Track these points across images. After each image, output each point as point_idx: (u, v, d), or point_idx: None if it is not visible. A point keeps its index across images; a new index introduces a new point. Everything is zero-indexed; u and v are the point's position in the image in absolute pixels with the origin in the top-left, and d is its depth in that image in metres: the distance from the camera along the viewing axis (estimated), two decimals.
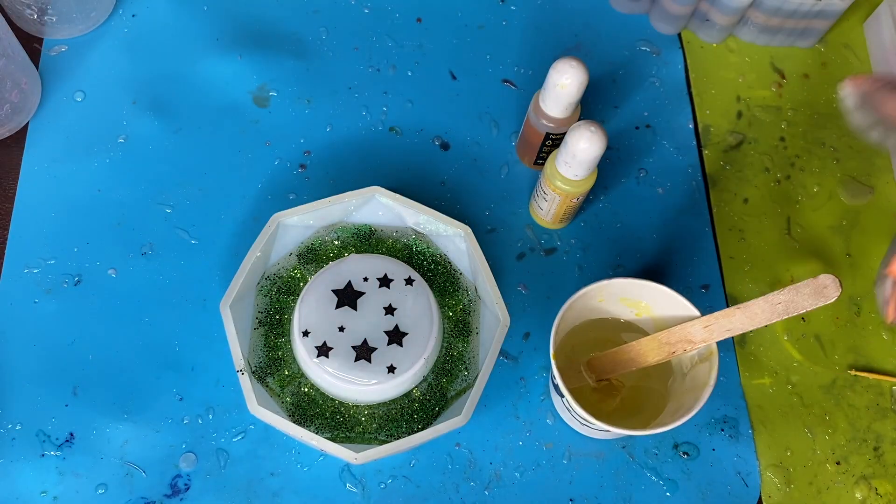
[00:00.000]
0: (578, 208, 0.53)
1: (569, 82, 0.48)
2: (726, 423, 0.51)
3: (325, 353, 0.45)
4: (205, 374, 0.50)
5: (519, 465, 0.49)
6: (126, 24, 0.59)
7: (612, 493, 0.49)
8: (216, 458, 0.48)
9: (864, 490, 0.50)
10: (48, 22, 0.56)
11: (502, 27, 0.62)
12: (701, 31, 0.62)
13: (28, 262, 0.52)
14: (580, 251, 0.55)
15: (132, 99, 0.57)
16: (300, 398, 0.47)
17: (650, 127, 0.59)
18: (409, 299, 0.47)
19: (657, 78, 0.61)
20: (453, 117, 0.58)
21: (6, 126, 0.54)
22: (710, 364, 0.44)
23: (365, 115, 0.58)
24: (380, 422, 0.47)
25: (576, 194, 0.50)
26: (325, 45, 0.60)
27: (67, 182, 0.54)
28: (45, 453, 0.48)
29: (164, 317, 0.51)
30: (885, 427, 0.52)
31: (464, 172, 0.57)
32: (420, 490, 0.49)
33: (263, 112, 0.57)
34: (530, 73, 0.60)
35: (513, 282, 0.54)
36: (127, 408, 0.49)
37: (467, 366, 0.49)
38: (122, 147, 0.56)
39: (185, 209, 0.54)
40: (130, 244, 0.53)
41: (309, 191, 0.55)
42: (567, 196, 0.50)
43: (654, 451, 0.50)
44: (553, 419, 0.51)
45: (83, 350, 0.50)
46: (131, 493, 0.47)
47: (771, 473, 0.50)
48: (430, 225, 0.51)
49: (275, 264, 0.50)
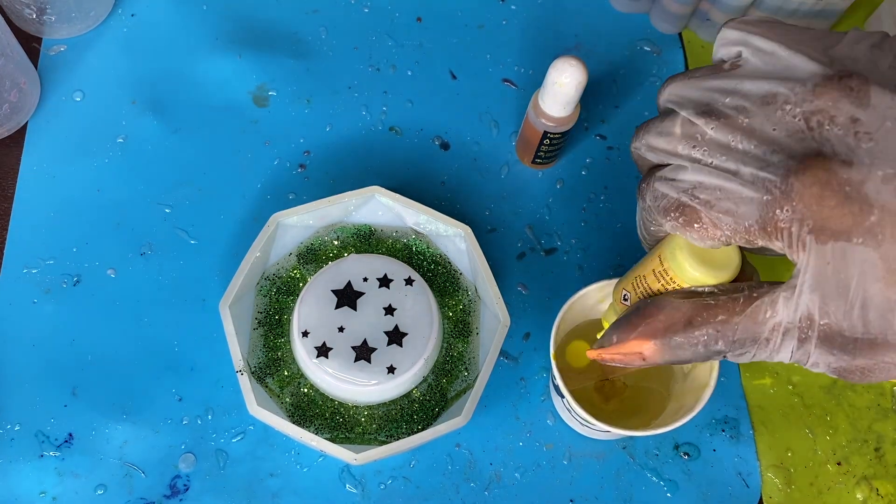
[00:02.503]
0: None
1: (567, 81, 0.48)
2: (727, 424, 0.51)
3: (325, 354, 0.45)
4: (204, 374, 0.50)
5: (519, 466, 0.49)
6: (125, 24, 0.59)
7: (612, 494, 0.49)
8: (215, 459, 0.48)
9: (865, 491, 0.50)
10: (47, 21, 0.56)
11: (502, 27, 0.62)
12: (701, 31, 0.62)
13: (27, 263, 0.52)
14: (580, 251, 0.55)
15: (131, 99, 0.57)
16: (300, 399, 0.47)
17: None
18: (408, 299, 0.47)
19: (658, 77, 0.61)
20: (453, 117, 0.58)
21: (5, 126, 0.54)
22: (710, 365, 0.44)
23: (365, 115, 0.58)
24: (379, 422, 0.47)
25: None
26: (325, 45, 0.60)
27: (66, 182, 0.54)
28: (44, 454, 0.48)
29: (164, 317, 0.51)
30: (886, 427, 0.52)
31: (464, 172, 0.57)
32: (420, 491, 0.48)
33: (263, 112, 0.57)
34: (530, 72, 0.60)
35: (513, 282, 0.54)
36: (126, 408, 0.49)
37: (467, 366, 0.48)
38: (121, 147, 0.56)
39: (185, 209, 0.54)
40: (130, 244, 0.53)
41: (308, 191, 0.55)
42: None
43: (654, 452, 0.50)
44: (553, 420, 0.50)
45: (82, 350, 0.50)
46: (130, 493, 0.47)
47: (772, 474, 0.50)
48: (430, 225, 0.51)
49: (274, 264, 0.50)
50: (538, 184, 0.57)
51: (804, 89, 0.29)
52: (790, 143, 0.29)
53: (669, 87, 0.34)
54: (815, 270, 0.28)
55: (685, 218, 0.32)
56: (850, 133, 0.28)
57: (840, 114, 0.29)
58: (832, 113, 0.29)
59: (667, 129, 0.33)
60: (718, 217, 0.31)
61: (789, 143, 0.29)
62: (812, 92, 0.29)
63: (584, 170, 0.57)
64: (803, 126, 0.29)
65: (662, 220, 0.33)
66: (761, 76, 0.31)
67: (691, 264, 0.34)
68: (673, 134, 0.32)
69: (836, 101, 0.29)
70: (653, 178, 0.34)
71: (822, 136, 0.29)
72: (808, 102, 0.29)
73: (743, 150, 0.30)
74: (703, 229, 0.31)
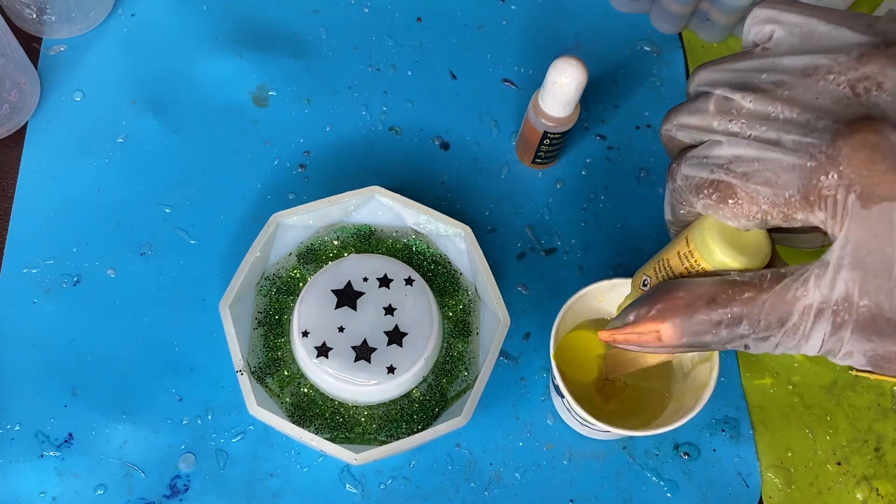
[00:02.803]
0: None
1: (567, 81, 0.48)
2: (727, 424, 0.51)
3: (325, 354, 0.45)
4: (204, 374, 0.50)
5: (519, 466, 0.49)
6: (125, 24, 0.59)
7: (612, 494, 0.49)
8: (215, 459, 0.48)
9: (865, 491, 0.50)
10: (47, 21, 0.56)
11: (502, 27, 0.62)
12: (701, 31, 0.62)
13: (27, 263, 0.52)
14: (580, 251, 0.55)
15: (131, 99, 0.57)
16: (300, 399, 0.47)
17: (651, 126, 0.59)
18: (408, 299, 0.47)
19: (658, 77, 0.61)
20: (453, 117, 0.58)
21: (5, 126, 0.54)
22: (710, 364, 0.44)
23: (365, 115, 0.58)
24: (379, 422, 0.47)
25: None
26: (325, 45, 0.60)
27: (66, 182, 0.54)
28: (44, 454, 0.48)
29: (164, 317, 0.51)
30: (887, 427, 0.52)
31: (464, 172, 0.57)
32: (420, 491, 0.48)
33: (263, 112, 0.57)
34: (530, 72, 0.60)
35: (513, 282, 0.54)
36: (126, 408, 0.49)
37: (467, 366, 0.48)
38: (121, 147, 0.56)
39: (185, 209, 0.54)
40: (129, 244, 0.53)
41: (308, 191, 0.55)
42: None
43: (654, 452, 0.50)
44: (553, 420, 0.50)
45: (82, 350, 0.50)
46: (130, 493, 0.47)
47: (772, 474, 0.50)
48: (430, 225, 0.50)
49: (274, 264, 0.50)
50: (538, 184, 0.57)
51: (848, 59, 0.28)
52: (836, 109, 0.28)
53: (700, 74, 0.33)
54: (858, 242, 0.27)
55: (719, 194, 0.30)
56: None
57: (888, 80, 0.28)
58: (879, 79, 0.28)
59: (700, 107, 0.32)
60: (756, 189, 0.29)
61: (835, 110, 0.28)
62: (857, 60, 0.28)
63: (584, 170, 0.57)
64: (849, 93, 0.28)
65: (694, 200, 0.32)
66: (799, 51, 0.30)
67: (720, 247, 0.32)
68: (707, 111, 0.31)
69: (884, 68, 0.28)
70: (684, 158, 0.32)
71: (870, 101, 0.28)
72: (853, 70, 0.28)
73: (785, 118, 0.29)
74: (737, 205, 0.30)
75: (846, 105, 0.28)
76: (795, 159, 0.28)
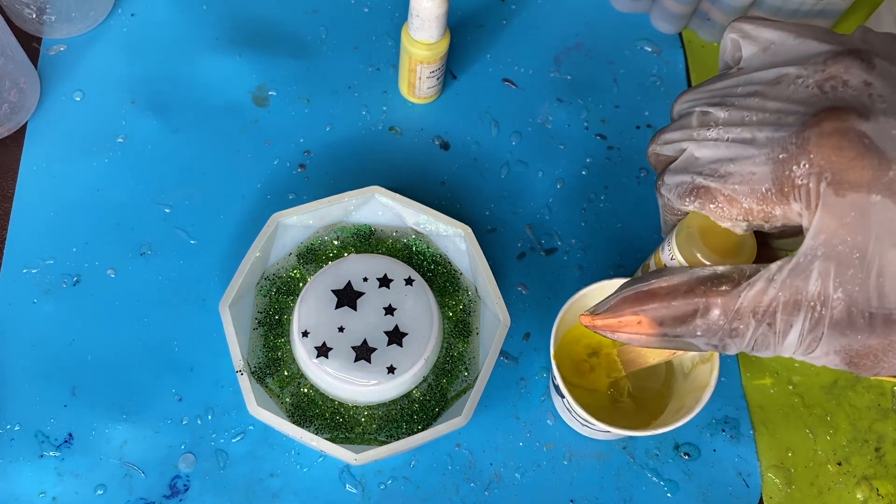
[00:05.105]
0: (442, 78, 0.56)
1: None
2: (727, 424, 0.51)
3: (325, 354, 0.45)
4: (204, 374, 0.50)
5: (519, 466, 0.49)
6: (125, 24, 0.59)
7: (612, 494, 0.49)
8: (215, 459, 0.48)
9: (865, 491, 0.50)
10: (47, 21, 0.56)
11: (502, 26, 0.62)
12: (702, 31, 0.62)
13: (27, 263, 0.52)
14: (580, 251, 0.55)
15: (131, 98, 0.57)
16: (300, 399, 0.47)
17: (651, 126, 0.59)
18: (408, 299, 0.47)
19: (658, 77, 0.61)
20: (453, 117, 0.58)
21: (5, 126, 0.54)
22: (711, 364, 0.44)
23: (365, 115, 0.58)
24: (380, 422, 0.47)
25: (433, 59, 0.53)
26: (325, 45, 0.60)
27: (66, 182, 0.54)
28: (44, 454, 0.48)
29: (163, 317, 0.51)
30: (887, 427, 0.52)
31: (464, 172, 0.57)
32: (420, 491, 0.48)
33: (263, 112, 0.57)
34: (530, 72, 0.60)
35: (513, 282, 0.54)
36: (126, 408, 0.49)
37: (467, 366, 0.48)
38: (121, 147, 0.56)
39: (185, 209, 0.54)
40: (129, 244, 0.53)
41: (308, 191, 0.55)
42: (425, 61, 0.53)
43: (654, 452, 0.50)
44: (553, 420, 0.50)
45: (82, 350, 0.50)
46: (130, 493, 0.47)
47: (772, 474, 0.50)
48: (430, 225, 0.50)
49: (274, 264, 0.50)
50: (538, 184, 0.57)
51: (816, 64, 0.30)
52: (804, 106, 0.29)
53: (682, 98, 0.35)
54: (831, 232, 0.27)
55: (701, 200, 0.32)
56: (865, 94, 0.28)
57: (853, 78, 0.29)
58: (845, 77, 0.29)
59: (682, 123, 0.34)
60: (734, 189, 0.30)
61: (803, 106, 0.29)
62: (824, 63, 0.30)
63: (584, 170, 0.57)
64: (817, 92, 0.29)
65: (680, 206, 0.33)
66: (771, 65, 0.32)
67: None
68: (689, 126, 0.33)
69: (849, 67, 0.29)
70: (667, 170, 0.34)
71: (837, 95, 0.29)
72: (819, 73, 0.29)
73: (758, 119, 0.30)
74: (719, 208, 0.31)
75: (814, 102, 0.29)
76: (768, 152, 0.29)
